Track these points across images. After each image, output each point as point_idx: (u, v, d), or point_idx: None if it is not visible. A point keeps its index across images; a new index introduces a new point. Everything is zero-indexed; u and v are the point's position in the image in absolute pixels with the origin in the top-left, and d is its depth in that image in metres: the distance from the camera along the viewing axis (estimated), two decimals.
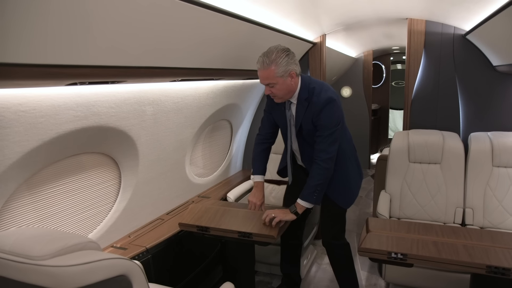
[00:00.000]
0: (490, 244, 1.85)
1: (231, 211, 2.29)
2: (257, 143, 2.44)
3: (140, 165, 2.23)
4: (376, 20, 3.35)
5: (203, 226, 2.14)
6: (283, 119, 2.30)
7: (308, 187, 2.15)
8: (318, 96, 2.12)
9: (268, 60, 1.99)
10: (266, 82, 2.06)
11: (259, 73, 2.05)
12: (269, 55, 2.00)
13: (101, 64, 1.41)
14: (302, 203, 2.15)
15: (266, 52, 2.02)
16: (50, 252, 1.04)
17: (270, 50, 2.03)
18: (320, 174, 2.14)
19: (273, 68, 2.00)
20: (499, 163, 2.69)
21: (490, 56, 2.89)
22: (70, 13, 1.15)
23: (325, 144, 2.13)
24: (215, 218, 2.21)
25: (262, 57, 2.02)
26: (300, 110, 2.18)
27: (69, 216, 1.91)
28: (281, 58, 2.00)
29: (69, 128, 1.63)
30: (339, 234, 2.44)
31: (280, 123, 2.35)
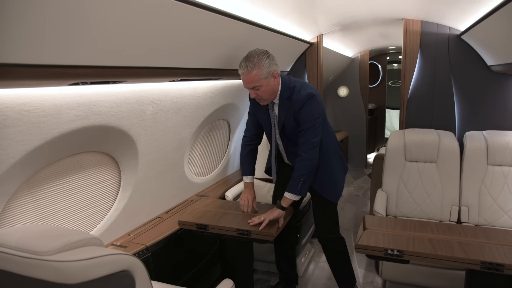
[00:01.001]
0: (484, 241, 1.89)
1: (231, 213, 2.33)
2: (243, 145, 2.51)
3: (140, 164, 2.25)
4: (372, 21, 3.38)
5: (202, 224, 2.17)
6: (267, 120, 2.36)
7: (293, 179, 2.19)
8: (298, 93, 2.19)
9: (251, 64, 2.04)
10: (251, 86, 2.11)
11: (244, 78, 2.10)
12: (251, 59, 2.05)
13: (103, 64, 1.43)
14: (288, 195, 2.18)
15: (247, 57, 2.07)
16: (55, 247, 1.06)
17: (250, 55, 2.07)
18: (304, 165, 2.17)
19: (256, 72, 2.05)
20: (493, 162, 2.73)
21: (484, 56, 2.93)
22: (72, 14, 1.18)
23: (307, 136, 2.17)
24: (215, 217, 2.25)
25: (244, 62, 2.06)
26: (282, 109, 2.24)
27: (70, 215, 1.93)
28: (263, 60, 2.06)
29: (70, 127, 1.65)
30: (334, 228, 2.50)
31: (264, 124, 2.41)
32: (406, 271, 2.53)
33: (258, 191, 3.38)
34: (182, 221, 2.24)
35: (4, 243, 1.12)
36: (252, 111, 2.45)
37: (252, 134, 2.48)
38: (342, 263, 2.55)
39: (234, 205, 2.48)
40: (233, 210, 2.38)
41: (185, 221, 2.23)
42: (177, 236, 2.40)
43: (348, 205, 4.76)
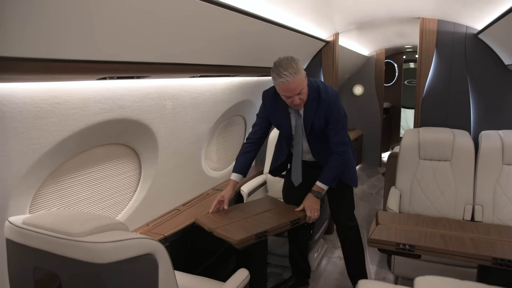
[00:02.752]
0: (496, 238, 1.92)
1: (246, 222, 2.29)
2: (245, 146, 2.48)
3: (159, 157, 2.34)
4: (389, 19, 3.40)
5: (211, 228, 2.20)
6: (287, 122, 2.38)
7: (330, 173, 2.35)
8: (326, 93, 2.25)
9: (293, 70, 2.04)
10: (297, 91, 2.10)
11: (289, 86, 2.06)
12: (289, 66, 2.04)
13: (129, 60, 1.51)
14: (323, 186, 2.36)
15: (284, 66, 2.04)
16: (87, 230, 1.15)
17: (285, 63, 2.05)
18: (341, 163, 2.36)
19: (299, 76, 2.07)
20: (509, 161, 2.73)
21: (502, 55, 2.92)
22: (104, 14, 1.26)
23: (340, 136, 2.33)
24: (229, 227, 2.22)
25: (284, 71, 2.03)
26: (310, 109, 2.28)
27: (92, 204, 2.03)
28: (298, 64, 2.09)
29: (96, 120, 1.74)
30: (352, 215, 2.60)
31: (284, 127, 2.41)
32: (418, 268, 2.56)
33: (273, 186, 3.44)
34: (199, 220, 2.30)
35: (40, 224, 1.21)
36: (265, 115, 2.43)
37: (258, 138, 2.48)
38: (357, 256, 2.61)
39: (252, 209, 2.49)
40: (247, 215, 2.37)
41: (201, 221, 2.28)
42: (194, 228, 2.47)
43: (361, 203, 4.78)
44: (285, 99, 2.17)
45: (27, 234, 1.22)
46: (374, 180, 5.84)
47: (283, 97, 2.18)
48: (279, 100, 2.30)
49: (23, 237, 1.23)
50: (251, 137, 2.48)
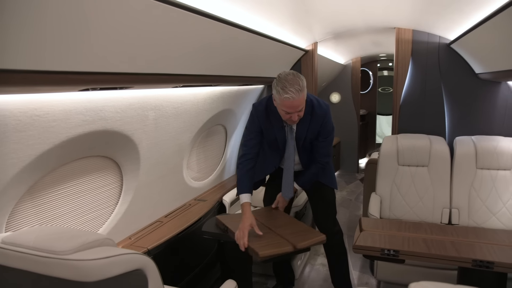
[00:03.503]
0: (475, 240, 1.99)
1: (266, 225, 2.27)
2: (244, 163, 2.37)
3: (141, 169, 2.30)
4: (366, 29, 3.49)
5: (226, 227, 2.22)
6: (282, 136, 2.37)
7: (309, 179, 2.48)
8: (320, 108, 2.29)
9: (299, 87, 2.02)
10: (299, 108, 2.09)
11: (293, 103, 2.03)
12: (295, 83, 2.01)
13: (114, 71, 1.49)
14: (298, 188, 2.50)
15: (290, 82, 2.01)
16: (73, 247, 1.11)
17: (291, 79, 2.03)
18: (321, 172, 2.47)
19: (303, 94, 2.07)
20: (482, 166, 2.84)
21: (473, 64, 3.05)
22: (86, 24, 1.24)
23: (327, 148, 2.40)
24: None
25: (291, 87, 2.00)
26: (303, 124, 2.29)
27: (72, 219, 1.96)
28: (303, 81, 2.06)
29: (78, 132, 1.69)
30: (335, 219, 2.63)
31: (279, 141, 2.39)
32: (400, 272, 2.61)
33: (255, 195, 3.40)
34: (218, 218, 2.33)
35: (21, 243, 1.16)
36: (259, 128, 2.37)
37: (256, 152, 2.39)
38: (342, 262, 2.63)
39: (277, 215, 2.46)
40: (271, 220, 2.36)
41: (219, 221, 2.30)
42: (177, 239, 2.44)
43: (341, 209, 4.84)
44: (284, 114, 2.13)
45: (7, 254, 1.16)
46: (353, 186, 5.93)
47: (281, 112, 2.14)
48: (270, 114, 2.30)
49: (3, 257, 1.17)
50: (249, 152, 2.37)
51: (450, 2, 2.20)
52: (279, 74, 2.10)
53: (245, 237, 2.03)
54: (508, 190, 2.77)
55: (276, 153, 2.47)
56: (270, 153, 2.49)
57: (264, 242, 2.03)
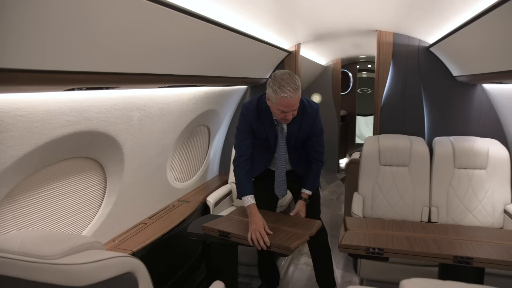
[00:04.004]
0: (455, 237, 2.05)
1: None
2: (241, 165, 2.37)
3: (125, 170, 2.26)
4: (348, 31, 3.54)
5: (225, 232, 2.15)
6: (273, 136, 2.38)
7: (315, 180, 2.52)
8: (311, 107, 2.33)
9: (295, 86, 2.05)
10: (295, 107, 2.12)
11: (289, 102, 2.06)
12: (291, 82, 2.04)
13: (100, 70, 1.46)
14: (309, 192, 2.49)
15: (287, 81, 2.04)
16: (61, 251, 1.09)
17: (287, 78, 2.05)
18: (320, 168, 2.53)
19: (299, 93, 2.09)
20: (460, 165, 2.93)
21: (450, 67, 3.15)
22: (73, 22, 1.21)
23: (320, 146, 2.46)
24: (239, 226, 2.23)
25: (288, 86, 2.02)
26: (294, 123, 2.31)
27: (54, 222, 1.91)
28: (298, 80, 2.09)
29: (61, 132, 1.65)
30: (320, 219, 2.62)
31: (271, 140, 2.40)
32: (383, 269, 2.67)
33: None
34: (206, 226, 2.22)
35: (6, 248, 1.12)
36: (250, 128, 2.36)
37: (249, 153, 2.39)
38: (327, 260, 2.66)
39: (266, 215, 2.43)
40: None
41: (209, 227, 2.21)
42: (161, 241, 2.41)
43: (323, 209, 4.87)
44: (278, 113, 2.14)
45: None
46: (334, 186, 6.01)
47: (276, 111, 2.15)
48: (261, 114, 2.31)
49: None
50: (245, 153, 2.37)
51: (430, 7, 2.26)
52: (274, 73, 2.11)
53: (265, 236, 2.03)
54: (483, 188, 2.87)
55: (266, 153, 2.48)
56: (260, 153, 2.49)
57: (281, 236, 2.08)
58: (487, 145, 2.90)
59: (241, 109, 2.38)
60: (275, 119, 2.32)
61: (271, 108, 2.21)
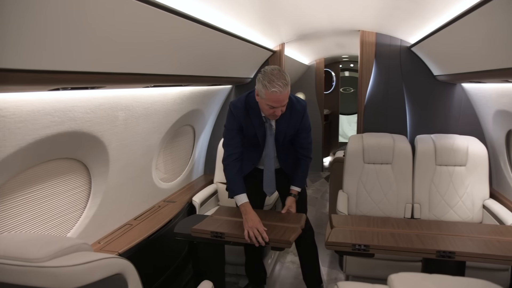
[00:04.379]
0: (438, 233, 2.11)
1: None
2: (231, 163, 2.35)
3: (110, 171, 2.23)
4: (331, 31, 3.59)
5: (218, 232, 2.15)
6: (261, 132, 2.38)
7: (304, 177, 2.54)
8: (299, 104, 2.36)
9: (286, 81, 2.07)
10: (284, 103, 2.13)
11: (279, 97, 2.07)
12: (281, 77, 2.06)
13: (86, 70, 1.44)
14: (298, 188, 2.51)
15: (277, 76, 2.05)
16: (49, 254, 1.07)
17: (277, 73, 2.07)
18: (309, 165, 2.55)
19: (288, 88, 2.11)
20: (441, 162, 3.01)
21: (431, 66, 3.23)
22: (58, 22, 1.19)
23: (309, 143, 2.49)
24: (230, 226, 2.24)
25: (278, 81, 2.04)
26: (283, 120, 2.32)
27: (37, 225, 1.87)
28: (287, 76, 2.11)
29: (45, 133, 1.62)
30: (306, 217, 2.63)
31: (260, 138, 2.39)
32: (368, 266, 2.72)
33: (224, 195, 3.42)
34: (196, 229, 2.19)
35: None
36: (239, 126, 2.35)
37: (238, 151, 2.37)
38: (314, 258, 2.69)
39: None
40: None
41: (200, 229, 2.19)
42: (148, 242, 2.39)
43: (308, 207, 4.92)
44: (267, 109, 2.15)
45: None
46: (318, 184, 6.07)
47: (265, 107, 2.16)
48: (250, 111, 2.31)
49: None
50: (235, 152, 2.35)
51: (412, 9, 2.31)
52: (264, 69, 2.12)
53: (263, 232, 2.07)
54: (464, 184, 2.96)
55: (255, 151, 2.48)
56: (249, 152, 2.47)
57: (276, 232, 2.13)
58: (467, 142, 2.98)
59: (229, 107, 2.36)
60: (263, 116, 2.32)
61: (260, 104, 2.21)
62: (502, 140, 2.78)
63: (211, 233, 2.15)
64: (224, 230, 2.17)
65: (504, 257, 1.83)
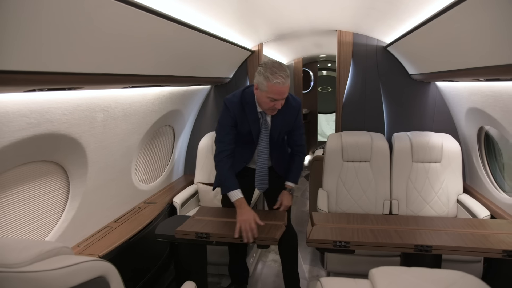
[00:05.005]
0: (415, 227, 2.17)
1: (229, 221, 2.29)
2: (223, 160, 2.31)
3: (89, 173, 2.20)
4: (309, 31, 3.63)
5: (204, 233, 2.13)
6: (256, 128, 2.35)
7: (298, 173, 2.57)
8: (294, 100, 2.39)
9: (286, 73, 2.07)
10: (285, 96, 2.14)
11: (282, 88, 2.08)
12: (282, 69, 2.07)
13: (62, 70, 1.41)
14: (293, 184, 2.56)
15: (278, 68, 2.07)
16: (28, 258, 1.05)
17: (278, 65, 2.09)
18: (303, 161, 2.59)
19: (289, 81, 2.11)
20: (417, 159, 3.10)
21: (406, 66, 3.32)
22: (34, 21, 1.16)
23: (303, 140, 2.53)
24: (214, 226, 2.23)
25: (281, 72, 2.05)
26: (280, 115, 2.31)
27: (13, 230, 1.82)
28: (288, 69, 2.12)
29: (21, 135, 1.58)
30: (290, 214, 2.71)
31: (254, 134, 2.37)
32: (349, 262, 2.77)
33: (205, 196, 3.42)
34: (180, 230, 2.17)
35: None
36: (233, 123, 2.32)
37: (231, 148, 2.34)
38: (295, 255, 2.69)
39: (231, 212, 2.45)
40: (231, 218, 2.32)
41: (184, 231, 2.17)
42: (128, 244, 2.36)
43: None
44: (268, 102, 2.13)
45: None
46: (298, 183, 6.11)
47: (265, 100, 2.14)
48: (245, 107, 2.28)
49: None
50: (228, 149, 2.32)
51: (388, 9, 2.37)
52: (264, 62, 2.13)
53: (255, 229, 2.09)
54: (439, 180, 3.06)
55: (247, 148, 2.45)
56: (240, 150, 2.43)
57: (261, 230, 2.15)
58: (441, 139, 3.08)
59: (224, 102, 2.32)
60: (259, 112, 2.31)
61: (259, 98, 2.19)
62: (474, 137, 2.89)
63: (196, 234, 2.14)
64: (208, 230, 2.17)
65: (477, 249, 1.91)
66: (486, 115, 2.50)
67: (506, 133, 2.36)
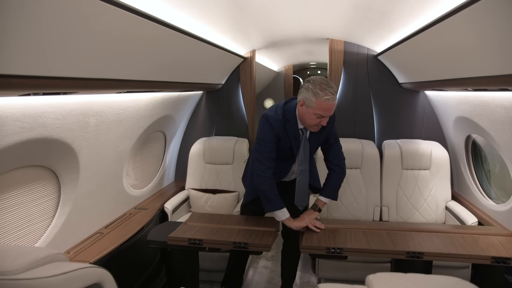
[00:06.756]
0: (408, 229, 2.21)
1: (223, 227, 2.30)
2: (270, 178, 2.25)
3: (81, 178, 2.17)
4: (301, 38, 3.67)
5: (196, 239, 2.12)
6: (296, 144, 2.32)
7: (335, 187, 2.48)
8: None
9: (335, 90, 2.08)
10: (332, 112, 2.13)
11: (331, 106, 2.07)
12: (330, 86, 2.06)
13: (58, 75, 1.40)
14: (326, 200, 2.47)
15: (328, 85, 2.06)
16: (23, 265, 1.03)
17: (326, 82, 2.07)
18: (343, 175, 2.50)
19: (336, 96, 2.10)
20: (407, 166, 3.14)
21: (396, 74, 3.37)
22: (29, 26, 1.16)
23: (341, 152, 2.50)
24: (208, 232, 2.23)
25: (330, 89, 2.05)
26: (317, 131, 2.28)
27: (4, 235, 1.78)
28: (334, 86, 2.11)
29: (14, 140, 1.56)
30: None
31: (292, 149, 2.33)
32: (340, 268, 2.78)
33: (196, 202, 3.41)
34: (173, 236, 2.16)
35: None
36: (275, 140, 2.27)
37: (274, 165, 2.29)
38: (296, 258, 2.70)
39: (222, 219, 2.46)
40: (224, 224, 2.34)
41: (177, 237, 2.16)
42: (119, 251, 2.34)
43: None
44: (314, 119, 2.11)
45: None
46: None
47: (311, 117, 2.11)
48: (287, 124, 2.25)
49: None
50: (272, 166, 2.26)
51: (380, 19, 2.42)
52: (312, 79, 2.11)
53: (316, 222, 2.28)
54: (428, 187, 3.10)
55: (284, 164, 2.41)
56: (277, 164, 2.34)
57: (254, 236, 2.17)
58: (430, 147, 3.14)
59: (264, 119, 2.27)
60: (300, 129, 2.28)
61: (304, 115, 2.16)
62: (462, 145, 2.95)
63: (189, 240, 2.14)
64: (201, 236, 2.16)
65: (467, 256, 1.95)
66: (474, 124, 2.55)
67: (493, 142, 2.42)
